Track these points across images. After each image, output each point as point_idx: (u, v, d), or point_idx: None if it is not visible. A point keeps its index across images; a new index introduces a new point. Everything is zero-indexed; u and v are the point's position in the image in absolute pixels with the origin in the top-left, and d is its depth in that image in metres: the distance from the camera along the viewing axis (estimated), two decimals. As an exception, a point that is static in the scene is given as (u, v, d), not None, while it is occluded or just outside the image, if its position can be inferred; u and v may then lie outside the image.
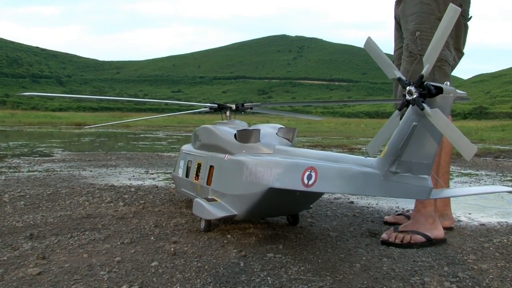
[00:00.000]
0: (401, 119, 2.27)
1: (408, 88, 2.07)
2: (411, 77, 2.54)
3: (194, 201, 3.53)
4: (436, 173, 3.64)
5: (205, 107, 4.38)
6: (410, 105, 2.13)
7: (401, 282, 2.48)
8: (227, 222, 3.72)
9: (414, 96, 2.05)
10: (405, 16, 3.56)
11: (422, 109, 2.02)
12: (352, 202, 4.88)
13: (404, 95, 2.09)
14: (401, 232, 3.26)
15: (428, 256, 2.98)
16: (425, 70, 2.02)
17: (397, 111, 2.20)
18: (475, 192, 3.23)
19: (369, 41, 2.28)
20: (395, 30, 3.94)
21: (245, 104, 4.22)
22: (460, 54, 3.68)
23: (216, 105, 4.28)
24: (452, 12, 1.91)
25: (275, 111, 4.81)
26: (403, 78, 2.12)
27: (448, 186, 3.75)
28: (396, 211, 4.44)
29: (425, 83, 2.06)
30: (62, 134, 20.22)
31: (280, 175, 2.83)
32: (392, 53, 4.10)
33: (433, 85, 2.05)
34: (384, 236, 3.28)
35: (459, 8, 1.86)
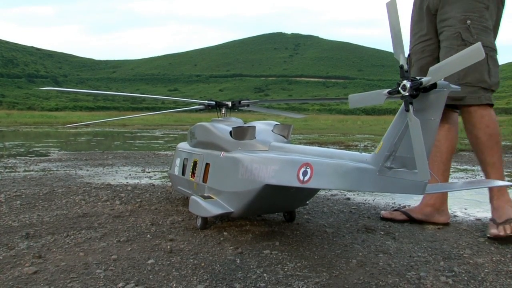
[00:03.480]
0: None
1: (404, 82, 2.06)
2: None
3: (190, 198, 3.53)
4: (437, 171, 3.63)
5: (203, 105, 4.38)
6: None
7: (397, 277, 2.48)
8: (224, 219, 3.72)
9: (406, 94, 2.05)
10: (448, 3, 3.43)
11: (421, 84, 2.02)
12: (348, 199, 4.89)
13: (403, 96, 2.08)
14: (505, 222, 3.15)
15: (424, 251, 2.99)
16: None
17: (406, 112, 2.09)
18: (471, 187, 3.24)
19: (350, 98, 2.27)
20: (418, 21, 3.75)
21: (241, 102, 4.22)
22: None
23: (213, 103, 4.29)
24: (391, 7, 1.92)
25: (258, 107, 4.76)
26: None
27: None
28: (393, 207, 4.45)
29: (418, 78, 2.05)
30: (58, 133, 20.17)
31: (276, 171, 2.83)
32: (388, 50, 4.05)
33: None
34: (494, 231, 3.14)
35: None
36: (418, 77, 2.05)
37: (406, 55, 2.16)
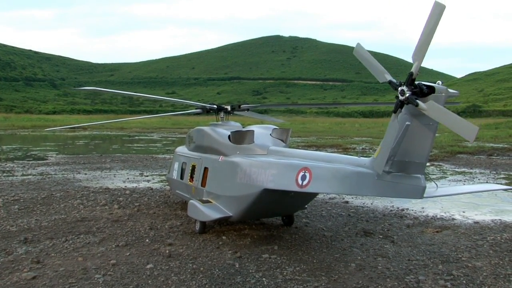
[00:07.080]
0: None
1: (400, 88, 2.08)
2: None
3: (189, 203, 3.54)
4: None
5: (203, 108, 4.39)
6: (404, 105, 2.14)
7: (396, 281, 2.49)
8: (222, 223, 3.72)
9: (407, 94, 2.07)
10: None
11: (417, 105, 2.04)
12: (347, 202, 4.89)
13: (397, 97, 2.11)
14: None
15: (423, 254, 2.99)
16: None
17: (393, 114, 2.19)
18: (469, 190, 3.24)
19: (358, 48, 2.32)
20: None
21: (241, 106, 4.23)
22: None
23: (215, 106, 4.31)
24: (437, 9, 1.90)
25: (251, 112, 4.73)
26: (394, 80, 2.14)
27: None
28: (391, 210, 4.45)
29: (416, 82, 2.07)
30: (56, 137, 20.13)
31: (274, 176, 2.84)
32: (388, 53, 4.05)
33: (425, 85, 2.07)
34: None
35: (444, 5, 1.84)
36: (419, 85, 2.06)
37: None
